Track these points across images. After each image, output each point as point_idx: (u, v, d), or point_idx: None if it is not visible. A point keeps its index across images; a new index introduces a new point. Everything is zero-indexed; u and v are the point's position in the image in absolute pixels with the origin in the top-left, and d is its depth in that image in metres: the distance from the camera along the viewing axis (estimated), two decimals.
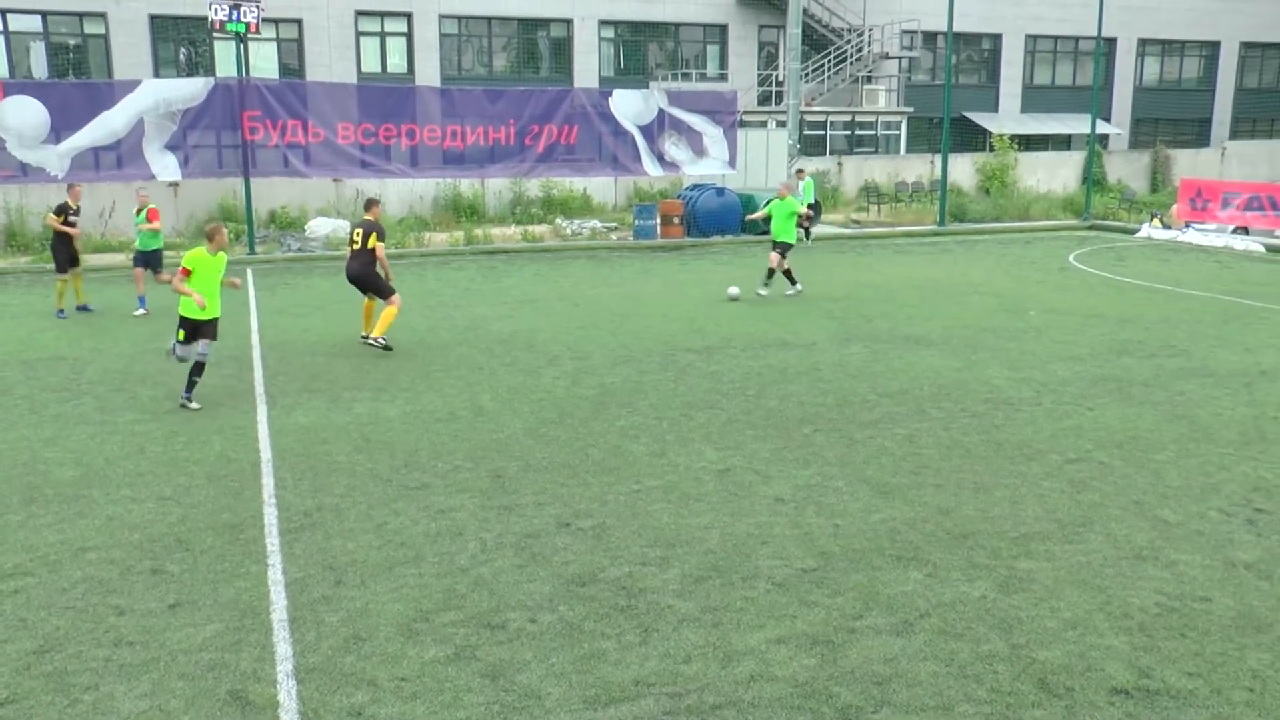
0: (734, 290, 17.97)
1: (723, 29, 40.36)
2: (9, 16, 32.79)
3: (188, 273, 11.17)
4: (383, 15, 36.35)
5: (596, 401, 11.34)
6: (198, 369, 11.37)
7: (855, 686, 5.57)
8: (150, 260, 17.25)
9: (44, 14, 33.08)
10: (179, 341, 11.40)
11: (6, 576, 7.02)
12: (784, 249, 18.14)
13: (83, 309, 17.21)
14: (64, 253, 17.02)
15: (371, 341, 13.71)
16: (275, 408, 11.13)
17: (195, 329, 11.34)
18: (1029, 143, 41.21)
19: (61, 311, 16.85)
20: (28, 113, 23.10)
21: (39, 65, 33.44)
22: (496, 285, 20.06)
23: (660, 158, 28.13)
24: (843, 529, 7.70)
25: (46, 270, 20.06)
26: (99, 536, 7.71)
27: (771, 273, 18.16)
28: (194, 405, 11.20)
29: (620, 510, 8.11)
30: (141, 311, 16.85)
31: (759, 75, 40.43)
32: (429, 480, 8.84)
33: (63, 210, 17.18)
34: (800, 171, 27.71)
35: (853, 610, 6.42)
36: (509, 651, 5.95)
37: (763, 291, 18.09)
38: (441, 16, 36.72)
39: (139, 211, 17.38)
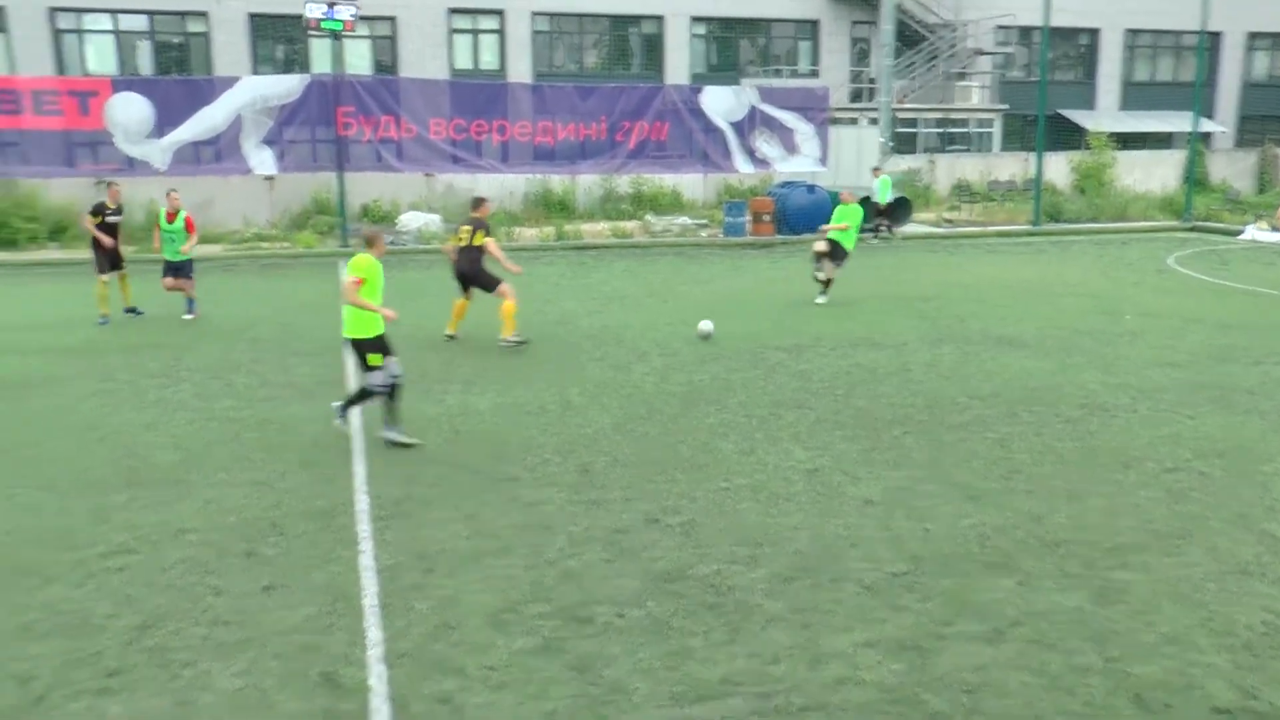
0: (706, 326, 14.49)
1: (814, 25, 40.03)
2: (119, 16, 33.86)
3: (361, 283, 9.32)
4: (475, 13, 36.71)
5: (685, 398, 11.33)
6: (381, 393, 9.56)
7: (945, 694, 5.48)
8: (180, 269, 16.16)
9: (150, 13, 34.06)
10: (377, 367, 9.45)
11: (113, 554, 7.27)
12: (839, 255, 17.23)
13: (131, 311, 16.32)
14: (103, 253, 15.98)
15: (503, 343, 13.70)
16: None
17: (385, 344, 9.57)
18: (1127, 141, 40.13)
19: (104, 318, 15.85)
20: (133, 108, 23.90)
21: (145, 63, 34.48)
22: (586, 281, 20.16)
23: (751, 154, 28.04)
24: (932, 533, 7.59)
25: (149, 260, 20.21)
26: (197, 519, 7.92)
27: (818, 256, 17.24)
28: (412, 440, 9.67)
29: (709, 507, 8.09)
30: (191, 316, 16.13)
31: (851, 72, 40.02)
32: (518, 473, 8.91)
33: (99, 210, 16.15)
34: (876, 170, 27.37)
35: (942, 616, 6.32)
36: (597, 645, 5.98)
37: (820, 275, 17.23)
38: (534, 14, 36.96)
39: (171, 218, 16.04)
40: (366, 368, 9.53)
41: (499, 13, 36.73)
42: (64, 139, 24.51)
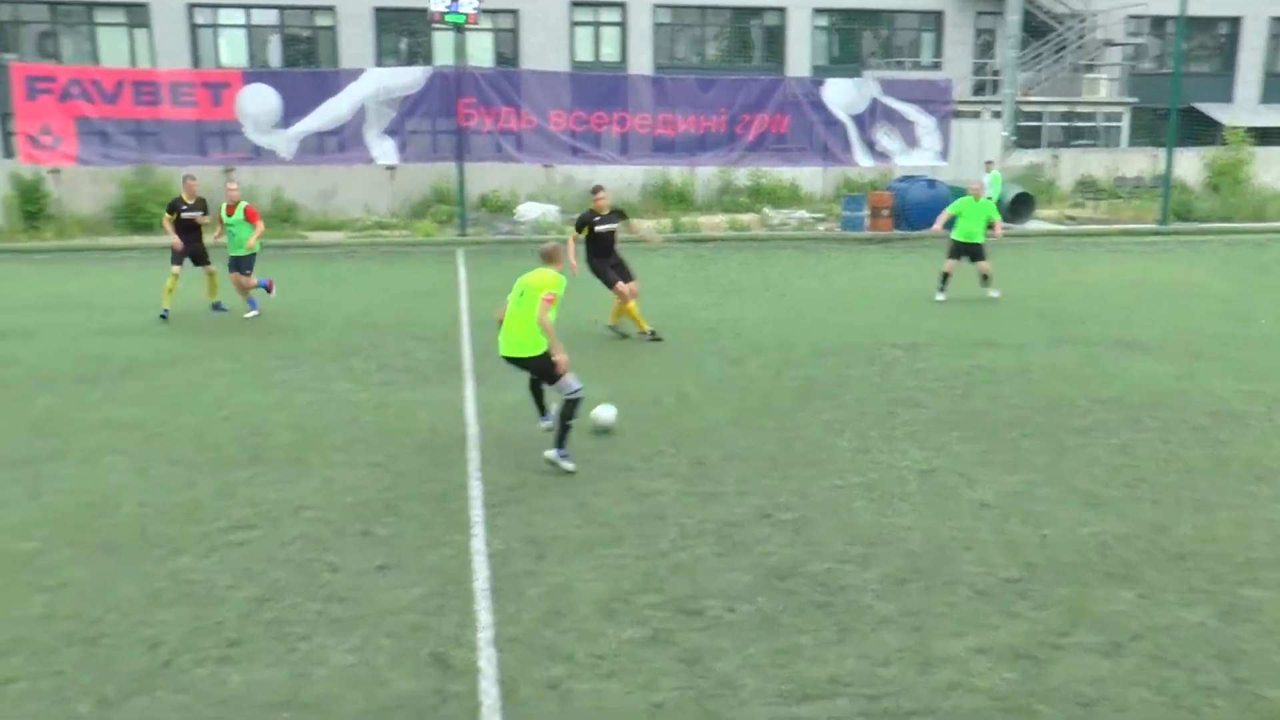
0: (605, 416, 10.00)
1: (938, 16, 39.24)
2: (251, 11, 34.98)
3: (555, 299, 8.84)
4: (597, 5, 36.93)
5: (800, 393, 11.23)
6: (571, 410, 8.78)
7: (1059, 706, 5.33)
8: (242, 264, 15.47)
9: (280, 8, 35.14)
10: (565, 374, 8.85)
11: (235, 528, 7.52)
12: (974, 252, 16.90)
13: (217, 308, 15.92)
14: (179, 246, 15.62)
15: (642, 337, 13.78)
16: (483, 385, 11.44)
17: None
18: (1267, 136, 38.33)
19: (165, 313, 15.25)
20: (262, 99, 24.69)
21: (274, 56, 35.56)
22: (703, 273, 20.13)
23: (871, 148, 27.66)
24: (1050, 540, 7.38)
25: (266, 245, 20.29)
26: (315, 497, 8.14)
27: (946, 277, 16.88)
28: (571, 466, 8.76)
29: (822, 505, 8.01)
30: (254, 313, 15.48)
31: (974, 64, 39.13)
32: (631, 463, 8.94)
33: (175, 207, 15.79)
34: (989, 163, 26.71)
35: (1058, 626, 6.14)
36: (706, 638, 5.96)
37: (940, 298, 16.76)
38: (655, 6, 37.00)
39: (230, 210, 15.38)
40: (556, 377, 8.81)
41: (620, 5, 36.87)
42: (197, 128, 25.38)
